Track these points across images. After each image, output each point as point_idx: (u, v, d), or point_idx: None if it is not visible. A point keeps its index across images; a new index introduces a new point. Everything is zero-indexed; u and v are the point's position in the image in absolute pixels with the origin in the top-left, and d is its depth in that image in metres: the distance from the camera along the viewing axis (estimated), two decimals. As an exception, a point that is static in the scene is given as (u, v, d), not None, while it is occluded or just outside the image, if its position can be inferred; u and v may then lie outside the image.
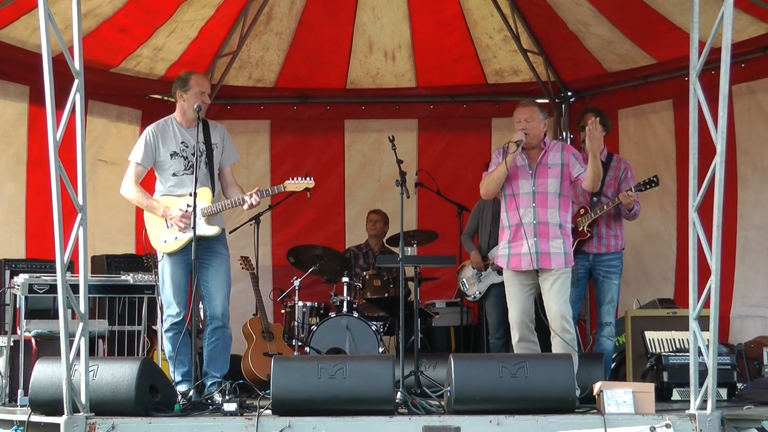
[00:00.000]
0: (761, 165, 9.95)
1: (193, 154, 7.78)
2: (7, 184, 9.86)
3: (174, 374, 7.72)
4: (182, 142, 7.85)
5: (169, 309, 7.73)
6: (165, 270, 7.76)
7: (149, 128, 7.93)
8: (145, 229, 7.86)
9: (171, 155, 7.78)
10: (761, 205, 9.92)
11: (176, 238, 7.70)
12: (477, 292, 10.03)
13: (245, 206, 7.84)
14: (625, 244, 8.81)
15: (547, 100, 12.01)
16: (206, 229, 7.73)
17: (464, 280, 10.20)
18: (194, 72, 8.25)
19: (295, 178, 7.92)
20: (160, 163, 7.85)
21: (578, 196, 8.74)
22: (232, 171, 8.13)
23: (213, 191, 7.83)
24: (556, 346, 7.57)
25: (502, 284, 9.79)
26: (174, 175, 7.78)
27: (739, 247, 9.98)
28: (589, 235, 8.59)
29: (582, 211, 8.66)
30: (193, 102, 7.79)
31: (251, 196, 7.77)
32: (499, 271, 9.87)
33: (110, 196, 10.87)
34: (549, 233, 7.59)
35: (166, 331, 7.74)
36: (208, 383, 7.76)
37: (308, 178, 7.91)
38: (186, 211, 7.65)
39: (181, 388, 7.60)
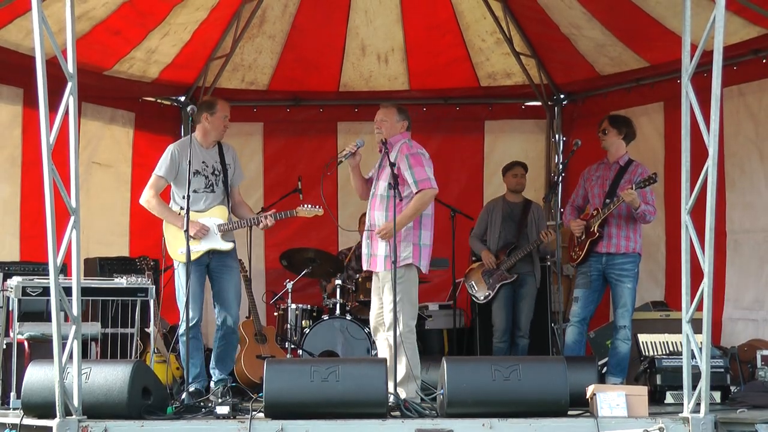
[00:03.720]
0: (749, 167, 9.96)
1: (213, 173, 8.32)
2: (1, 186, 9.84)
3: (187, 376, 7.83)
4: (203, 162, 8.30)
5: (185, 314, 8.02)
6: (182, 278, 8.08)
7: (174, 145, 8.36)
8: (164, 239, 8.21)
9: (194, 173, 8.09)
10: (750, 208, 9.92)
11: (191, 250, 7.92)
12: (487, 293, 10.04)
13: (260, 226, 8.40)
14: (642, 249, 8.86)
15: (539, 102, 12.04)
16: (222, 244, 8.27)
17: (472, 283, 10.20)
18: (219, 98, 8.75)
19: (306, 206, 8.59)
20: (177, 177, 8.25)
21: (594, 198, 8.92)
22: (239, 190, 8.63)
23: (228, 209, 8.36)
24: (382, 345, 7.90)
25: (510, 284, 9.90)
26: (195, 192, 8.10)
27: (729, 250, 9.98)
28: (598, 235, 8.70)
29: (594, 212, 8.80)
30: (218, 125, 8.34)
31: (266, 217, 8.29)
32: (509, 270, 9.92)
33: (104, 198, 10.91)
34: (375, 236, 7.87)
35: (181, 335, 8.00)
36: (215, 380, 8.22)
37: (318, 207, 8.51)
38: (204, 225, 8.14)
39: (192, 389, 7.81)
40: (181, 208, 7.99)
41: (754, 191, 9.89)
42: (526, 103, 12.25)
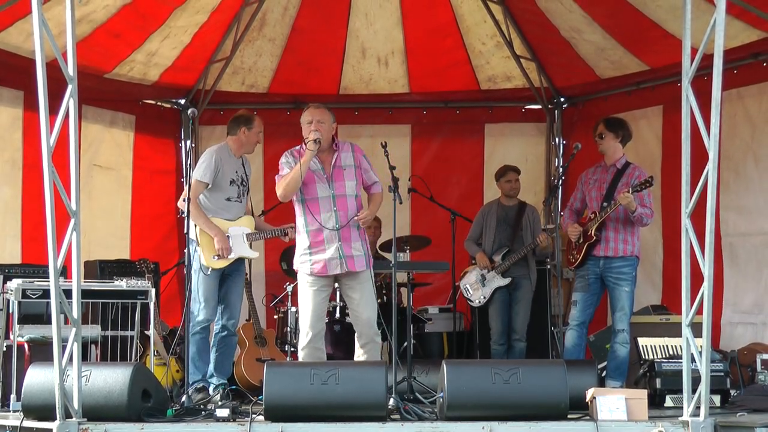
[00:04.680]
0: (743, 171, 9.95)
1: (242, 183, 8.61)
2: (2, 188, 9.83)
3: (192, 375, 7.91)
4: (236, 171, 8.58)
5: (201, 314, 8.24)
6: (202, 281, 8.26)
7: (215, 151, 8.49)
8: (198, 243, 8.27)
9: (230, 182, 8.48)
10: (745, 211, 9.91)
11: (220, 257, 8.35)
12: (482, 297, 10.03)
13: (286, 239, 8.71)
14: (640, 252, 8.85)
15: (539, 106, 12.05)
16: (250, 253, 8.58)
17: (467, 286, 10.18)
18: (255, 114, 8.87)
19: None
20: (216, 183, 8.40)
21: (591, 201, 8.91)
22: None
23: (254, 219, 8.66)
24: (367, 354, 7.69)
25: (506, 288, 9.88)
26: (228, 200, 8.47)
27: (726, 253, 9.95)
28: (596, 238, 8.69)
29: (592, 215, 8.80)
30: (253, 140, 8.67)
31: (290, 230, 8.55)
32: (503, 274, 9.90)
33: (105, 201, 10.91)
34: (351, 236, 7.70)
35: (193, 334, 8.10)
36: (213, 386, 8.28)
37: None
38: (228, 246, 8.34)
39: (197, 386, 8.06)
40: (182, 212, 8.02)
41: (749, 195, 9.89)
42: (527, 107, 12.26)
